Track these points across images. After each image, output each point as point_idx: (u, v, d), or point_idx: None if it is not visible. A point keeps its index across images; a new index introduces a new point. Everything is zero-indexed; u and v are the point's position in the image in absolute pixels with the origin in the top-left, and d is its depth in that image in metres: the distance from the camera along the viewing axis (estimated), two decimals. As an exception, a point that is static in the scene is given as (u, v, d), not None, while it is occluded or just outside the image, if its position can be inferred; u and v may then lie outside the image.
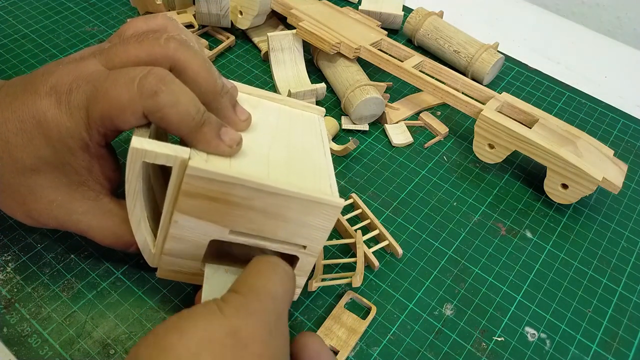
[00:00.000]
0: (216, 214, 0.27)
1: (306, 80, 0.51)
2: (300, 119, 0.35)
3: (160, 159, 0.26)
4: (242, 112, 0.31)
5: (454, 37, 0.55)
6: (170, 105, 0.27)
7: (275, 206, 0.28)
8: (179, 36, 0.30)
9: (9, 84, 0.31)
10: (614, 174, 0.41)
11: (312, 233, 0.29)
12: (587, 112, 0.54)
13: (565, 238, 0.42)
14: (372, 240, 0.39)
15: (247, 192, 0.27)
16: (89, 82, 0.29)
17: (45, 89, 0.29)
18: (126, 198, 0.28)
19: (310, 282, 0.36)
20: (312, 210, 0.28)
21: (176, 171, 0.26)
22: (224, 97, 0.30)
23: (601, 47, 0.64)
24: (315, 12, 0.52)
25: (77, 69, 0.29)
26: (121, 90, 0.27)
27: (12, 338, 0.32)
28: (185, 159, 0.26)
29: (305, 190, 0.27)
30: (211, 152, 0.28)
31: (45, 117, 0.29)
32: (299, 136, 0.33)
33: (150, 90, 0.27)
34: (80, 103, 0.29)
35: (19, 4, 0.57)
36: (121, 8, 0.59)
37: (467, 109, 0.46)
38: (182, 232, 0.28)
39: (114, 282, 0.36)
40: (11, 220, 0.38)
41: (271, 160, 0.29)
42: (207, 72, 0.29)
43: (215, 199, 0.27)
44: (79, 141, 0.29)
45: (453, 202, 0.44)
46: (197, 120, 0.27)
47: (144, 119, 0.28)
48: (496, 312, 0.37)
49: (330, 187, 0.29)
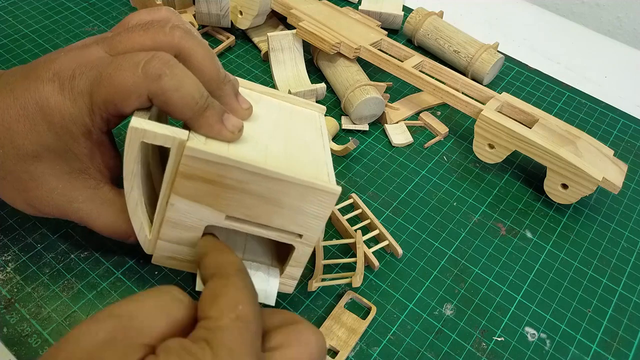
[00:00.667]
0: (212, 197, 0.27)
1: (306, 80, 0.51)
2: (301, 115, 0.35)
3: (159, 140, 0.26)
4: (244, 101, 0.31)
5: (454, 37, 0.55)
6: (174, 88, 0.27)
7: (271, 191, 0.28)
8: (183, 25, 0.30)
9: (8, 72, 0.31)
10: (614, 174, 0.41)
11: (308, 221, 0.29)
12: (587, 112, 0.54)
13: (565, 238, 0.42)
14: (372, 240, 0.39)
15: (244, 175, 0.27)
16: (92, 68, 0.29)
17: (48, 76, 0.29)
18: (124, 180, 0.28)
19: (310, 282, 0.36)
20: (308, 197, 0.28)
21: (174, 152, 0.27)
22: (227, 85, 0.30)
23: (601, 47, 0.64)
24: (315, 12, 0.52)
25: (80, 56, 0.30)
26: (126, 74, 0.27)
27: (12, 338, 0.32)
28: (183, 140, 0.26)
29: (302, 176, 0.27)
30: (213, 137, 0.28)
31: (48, 103, 0.29)
32: (299, 130, 0.33)
33: (155, 74, 0.27)
34: (84, 89, 0.29)
35: (19, 4, 0.57)
36: (121, 8, 0.59)
37: (467, 109, 0.46)
38: (178, 216, 0.28)
39: (114, 282, 0.36)
40: (11, 220, 0.38)
41: (269, 149, 0.29)
42: (211, 61, 0.29)
43: (212, 182, 0.27)
44: (81, 127, 0.30)
45: (453, 202, 0.44)
46: (201, 104, 0.28)
47: (148, 103, 0.28)
48: (496, 312, 0.37)
49: (328, 175, 0.29)
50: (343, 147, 0.45)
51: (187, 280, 0.36)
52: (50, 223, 0.38)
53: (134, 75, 0.27)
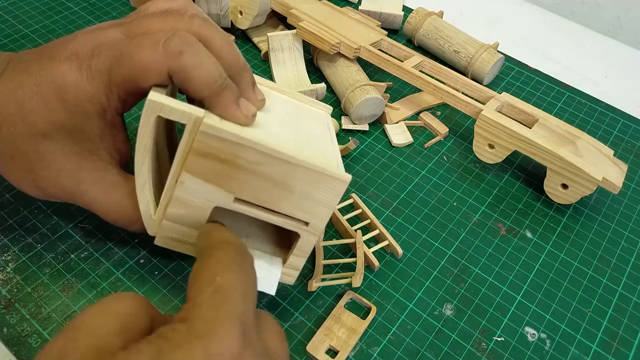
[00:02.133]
0: (223, 177, 0.28)
1: (306, 80, 0.51)
2: (309, 112, 0.35)
3: (175, 115, 0.27)
4: (260, 93, 0.31)
5: (454, 37, 0.55)
6: (194, 65, 0.27)
7: (281, 174, 0.28)
8: (201, 14, 0.31)
9: (22, 52, 0.32)
10: (614, 174, 0.41)
11: (315, 208, 0.29)
12: (587, 112, 0.54)
13: (565, 238, 0.42)
14: (372, 240, 0.39)
15: (257, 156, 0.27)
16: (112, 47, 0.29)
17: (66, 55, 0.29)
18: (135, 155, 0.29)
19: (310, 282, 0.36)
20: (318, 183, 0.28)
21: (189, 129, 0.27)
22: (247, 73, 0.31)
23: (601, 47, 0.64)
24: (315, 12, 0.52)
25: (99, 36, 0.30)
26: (147, 51, 0.27)
27: (12, 338, 0.32)
28: (199, 117, 0.27)
29: (314, 162, 0.28)
30: (227, 118, 0.28)
31: (64, 81, 0.29)
32: (308, 124, 0.33)
33: (176, 51, 0.27)
34: (103, 68, 0.29)
35: (19, 4, 0.57)
36: (121, 8, 0.59)
37: (467, 109, 0.46)
38: (187, 195, 0.28)
39: (114, 282, 0.36)
40: (11, 220, 0.38)
41: (281, 137, 0.30)
42: (230, 47, 0.30)
43: (225, 161, 0.27)
44: (97, 106, 0.30)
45: (453, 202, 0.44)
46: (219, 83, 0.28)
47: (168, 80, 0.28)
48: (496, 312, 0.37)
49: (338, 166, 0.29)
50: (343, 147, 0.45)
51: (187, 280, 0.36)
52: (50, 223, 0.38)
53: (154, 53, 0.27)
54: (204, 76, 0.27)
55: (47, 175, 0.31)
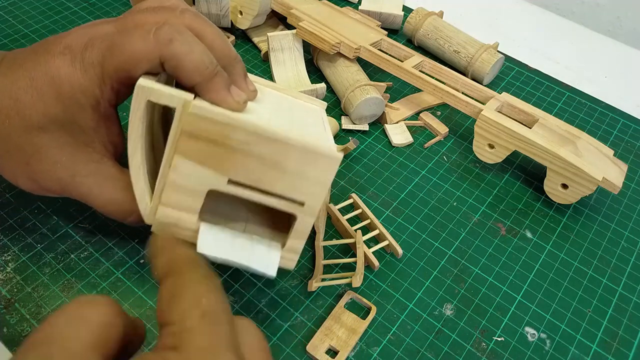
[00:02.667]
0: (215, 159, 0.28)
1: (306, 80, 0.51)
2: (303, 107, 0.35)
3: (164, 99, 0.27)
4: (251, 84, 0.32)
5: (453, 37, 0.55)
6: (185, 52, 0.28)
7: (273, 154, 0.28)
8: (193, 10, 0.31)
9: (16, 50, 0.32)
10: (614, 174, 0.41)
11: (310, 187, 0.29)
12: (587, 112, 0.54)
13: (565, 238, 0.42)
14: (372, 240, 0.39)
15: (247, 136, 0.27)
16: (104, 40, 0.29)
17: (59, 49, 0.30)
18: (128, 142, 0.29)
19: (310, 282, 0.36)
20: (310, 161, 0.28)
21: (179, 113, 0.27)
22: (239, 64, 0.31)
23: (601, 47, 0.64)
24: (315, 12, 0.52)
25: (92, 30, 0.30)
26: (137, 40, 0.28)
27: (12, 338, 0.32)
28: (188, 100, 0.27)
29: (303, 140, 0.28)
30: (218, 103, 0.28)
31: (58, 74, 0.29)
32: (301, 116, 0.33)
33: (166, 38, 0.27)
34: (95, 60, 0.29)
35: (19, 4, 0.57)
36: (121, 8, 0.59)
37: (467, 109, 0.46)
38: (180, 179, 0.28)
39: (114, 282, 0.36)
40: (11, 220, 0.38)
41: (272, 122, 0.30)
42: (221, 39, 0.30)
43: (215, 142, 0.27)
44: (91, 98, 0.30)
45: (453, 202, 0.44)
46: (211, 70, 0.28)
47: (159, 68, 0.28)
48: (496, 312, 0.37)
49: (329, 147, 0.29)
50: (343, 147, 0.45)
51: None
52: (50, 223, 0.38)
53: (145, 41, 0.28)
54: (195, 62, 0.28)
55: (42, 169, 0.31)
